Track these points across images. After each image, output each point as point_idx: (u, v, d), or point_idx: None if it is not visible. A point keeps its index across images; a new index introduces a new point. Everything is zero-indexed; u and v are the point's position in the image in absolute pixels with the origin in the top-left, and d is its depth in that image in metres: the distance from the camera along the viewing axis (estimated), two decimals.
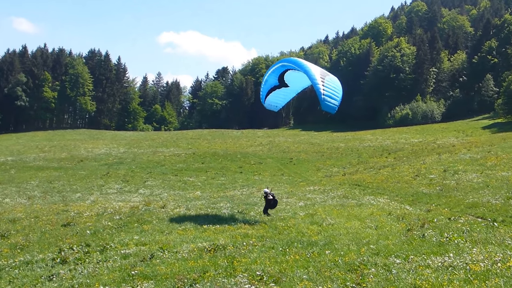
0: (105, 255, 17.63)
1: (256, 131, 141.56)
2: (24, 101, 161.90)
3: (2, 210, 32.78)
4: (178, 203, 32.74)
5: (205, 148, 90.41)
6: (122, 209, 29.69)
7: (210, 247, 17.60)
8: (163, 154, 77.51)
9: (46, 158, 76.27)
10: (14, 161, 72.28)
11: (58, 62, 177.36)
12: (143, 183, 49.36)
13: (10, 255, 18.88)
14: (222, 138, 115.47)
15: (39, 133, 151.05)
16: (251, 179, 52.36)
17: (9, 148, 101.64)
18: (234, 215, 25.97)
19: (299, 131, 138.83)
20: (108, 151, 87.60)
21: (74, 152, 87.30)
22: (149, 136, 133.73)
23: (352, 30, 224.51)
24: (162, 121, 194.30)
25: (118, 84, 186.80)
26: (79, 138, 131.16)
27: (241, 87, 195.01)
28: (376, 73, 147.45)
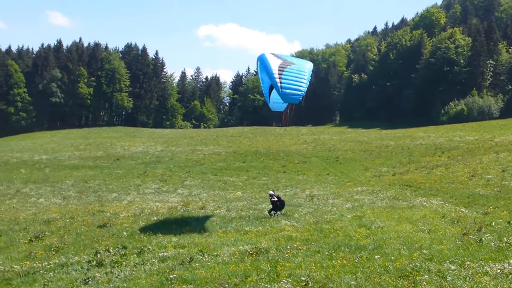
0: (142, 257, 17.79)
1: (300, 128, 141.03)
2: (59, 97, 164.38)
3: (37, 210, 33.39)
4: (218, 204, 32.84)
5: (246, 146, 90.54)
6: (160, 210, 29.93)
7: (252, 250, 17.59)
8: (202, 152, 77.87)
9: (82, 157, 77.45)
10: (48, 160, 73.55)
11: (93, 57, 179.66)
12: (181, 183, 49.66)
13: (44, 257, 19.20)
14: (264, 136, 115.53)
15: (74, 130, 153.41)
16: (295, 179, 52.22)
17: (43, 146, 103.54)
18: (277, 217, 25.92)
19: (345, 128, 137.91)
20: (145, 150, 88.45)
21: (110, 151, 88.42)
22: (187, 133, 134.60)
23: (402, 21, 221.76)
24: (201, 118, 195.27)
25: (156, 79, 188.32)
26: (115, 136, 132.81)
27: None
28: (428, 66, 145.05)
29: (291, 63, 24.98)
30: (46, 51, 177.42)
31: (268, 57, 25.27)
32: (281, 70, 23.97)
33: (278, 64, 24.46)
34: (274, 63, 24.53)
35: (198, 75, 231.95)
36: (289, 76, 23.84)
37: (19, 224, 27.30)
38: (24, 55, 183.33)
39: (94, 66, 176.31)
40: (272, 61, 24.67)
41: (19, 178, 56.65)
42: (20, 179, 55.79)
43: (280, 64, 24.50)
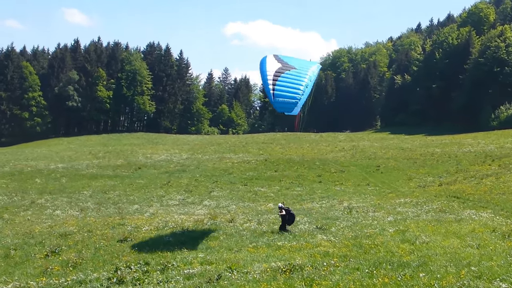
0: (166, 275, 17.90)
1: (337, 134, 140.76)
2: (76, 101, 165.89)
3: (53, 223, 33.76)
4: (248, 216, 32.87)
5: (278, 154, 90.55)
6: (185, 223, 30.06)
7: (285, 267, 17.61)
8: (231, 160, 78.06)
9: (100, 165, 78.09)
10: (65, 169, 74.32)
11: (113, 58, 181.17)
12: (208, 194, 49.81)
13: (61, 273, 19.42)
14: (298, 143, 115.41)
15: (92, 137, 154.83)
16: (331, 189, 52.03)
17: (59, 154, 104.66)
18: (312, 231, 25.86)
19: (387, 135, 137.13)
20: (169, 158, 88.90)
21: (131, 159, 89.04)
22: (215, 140, 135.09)
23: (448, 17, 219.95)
24: (230, 123, 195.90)
25: (180, 81, 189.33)
26: (136, 143, 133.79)
27: (319, 84, 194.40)
28: (477, 67, 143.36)
29: (292, 67, 24.95)
30: (63, 51, 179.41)
31: (268, 60, 25.38)
32: (276, 76, 24.12)
33: (275, 68, 24.55)
34: (272, 67, 24.62)
35: (226, 77, 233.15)
36: (284, 83, 23.96)
37: (34, 238, 27.64)
38: (40, 56, 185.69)
39: (113, 68, 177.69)
40: (270, 65, 24.76)
41: (34, 188, 57.32)
42: (35, 189, 56.44)
43: (278, 68, 24.54)
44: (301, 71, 24.95)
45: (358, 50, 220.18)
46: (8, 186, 59.73)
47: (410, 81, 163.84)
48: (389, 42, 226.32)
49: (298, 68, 25.15)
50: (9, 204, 46.19)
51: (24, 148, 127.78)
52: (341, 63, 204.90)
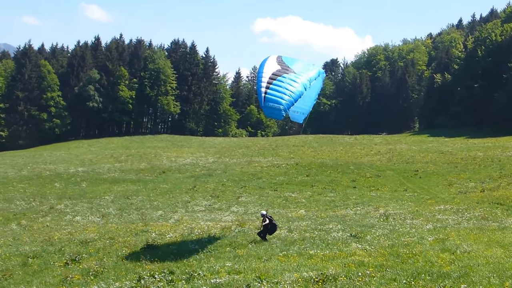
0: (192, 284, 18.00)
1: (372, 137, 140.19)
2: (97, 101, 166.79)
3: (73, 229, 34.13)
4: (278, 223, 32.89)
5: (310, 158, 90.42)
6: (211, 230, 30.20)
7: (318, 277, 17.61)
8: (260, 164, 78.09)
9: (123, 169, 78.58)
10: (85, 173, 74.91)
11: (136, 56, 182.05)
12: (236, 199, 49.92)
13: (82, 282, 19.61)
14: (331, 146, 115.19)
15: (114, 139, 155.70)
16: (366, 195, 51.87)
17: (79, 157, 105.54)
18: (346, 239, 25.83)
19: (426, 137, 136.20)
20: (195, 161, 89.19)
21: (155, 162, 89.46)
22: (243, 143, 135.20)
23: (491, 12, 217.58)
24: (259, 125, 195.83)
25: (206, 81, 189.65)
26: (160, 146, 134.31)
27: (354, 83, 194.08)
28: None
29: (291, 71, 25.01)
30: (83, 49, 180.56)
31: (268, 61, 25.68)
32: (272, 79, 24.27)
33: (273, 70, 24.73)
34: (270, 68, 24.83)
35: (255, 76, 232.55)
36: (279, 87, 24.08)
37: (53, 245, 27.96)
38: (59, 54, 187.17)
39: (136, 66, 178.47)
40: (268, 66, 25.04)
41: (53, 193, 57.91)
42: (54, 194, 57.02)
43: (276, 71, 24.75)
44: (298, 76, 25.10)
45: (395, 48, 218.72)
46: (26, 190, 60.41)
47: (450, 81, 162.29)
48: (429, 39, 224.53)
49: (297, 73, 25.25)
50: (27, 209, 46.78)
51: (43, 151, 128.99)
52: (377, 61, 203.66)
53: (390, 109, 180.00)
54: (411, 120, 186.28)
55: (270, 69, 25.08)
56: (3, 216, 42.61)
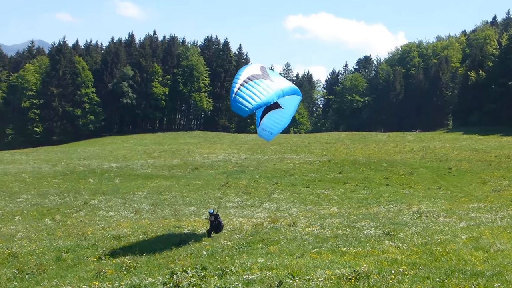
0: (224, 280, 17.98)
1: (405, 134, 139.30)
2: (130, 98, 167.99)
3: (106, 225, 34.36)
4: (311, 220, 32.85)
5: (343, 155, 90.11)
6: (243, 227, 30.24)
7: (350, 274, 17.52)
8: (292, 161, 78.02)
9: (156, 165, 78.95)
10: (119, 168, 75.36)
11: (169, 53, 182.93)
12: (268, 196, 49.89)
13: (115, 277, 19.72)
14: (364, 143, 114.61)
15: (147, 135, 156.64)
16: (399, 193, 51.51)
17: (113, 153, 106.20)
18: (379, 237, 25.70)
19: (460, 135, 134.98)
20: (227, 158, 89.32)
21: (188, 158, 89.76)
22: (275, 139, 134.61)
23: None
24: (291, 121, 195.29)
25: None
26: (193, 142, 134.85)
27: (387, 80, 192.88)
28: None
29: (269, 78, 25.53)
30: (117, 46, 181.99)
31: (249, 66, 26.39)
32: (249, 79, 24.73)
33: (251, 74, 25.19)
34: (249, 72, 25.39)
35: (287, 73, 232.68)
36: (252, 87, 24.47)
37: (87, 240, 28.19)
38: (93, 50, 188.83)
39: (169, 63, 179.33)
40: (248, 70, 25.61)
41: (87, 189, 58.36)
42: (88, 190, 57.46)
43: (255, 74, 25.18)
44: (276, 85, 25.45)
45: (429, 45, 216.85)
46: (60, 186, 60.94)
47: (484, 78, 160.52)
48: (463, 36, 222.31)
49: (275, 82, 25.61)
50: (61, 204, 47.18)
51: (77, 147, 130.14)
52: (411, 58, 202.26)
53: (424, 107, 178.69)
54: (445, 117, 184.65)
55: (249, 72, 25.43)
56: (38, 211, 43.06)
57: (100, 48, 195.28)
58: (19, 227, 34.94)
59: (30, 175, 68.85)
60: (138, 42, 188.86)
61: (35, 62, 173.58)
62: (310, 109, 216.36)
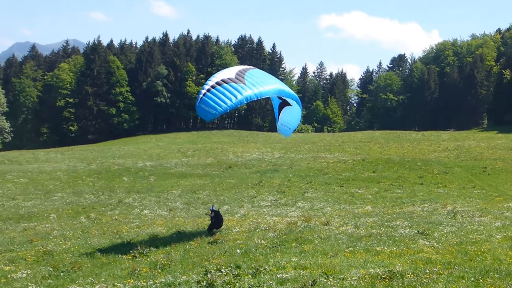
0: (258, 279, 17.98)
1: (440, 133, 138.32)
2: (164, 97, 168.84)
3: (141, 223, 34.57)
4: (345, 219, 32.72)
5: (377, 154, 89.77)
6: (277, 225, 30.20)
7: (385, 274, 17.43)
8: (326, 160, 77.89)
9: (190, 164, 79.29)
10: (153, 167, 75.80)
11: (203, 52, 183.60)
12: (301, 195, 49.77)
13: (149, 275, 19.82)
14: (398, 142, 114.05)
15: (181, 134, 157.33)
16: (434, 192, 51.15)
17: (147, 151, 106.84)
18: (413, 236, 25.53)
19: (495, 134, 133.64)
20: (261, 156, 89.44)
21: (221, 157, 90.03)
22: (309, 138, 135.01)
23: None
24: (325, 120, 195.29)
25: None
26: (226, 141, 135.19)
27: (422, 79, 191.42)
28: None
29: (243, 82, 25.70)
30: (151, 45, 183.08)
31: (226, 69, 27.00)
32: (218, 84, 25.08)
33: (223, 77, 25.61)
34: (222, 75, 25.89)
35: (321, 71, 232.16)
36: (216, 92, 24.94)
37: (121, 238, 28.39)
38: (127, 50, 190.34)
39: (203, 62, 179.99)
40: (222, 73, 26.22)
41: (121, 187, 58.81)
42: (122, 188, 57.90)
43: (226, 78, 25.51)
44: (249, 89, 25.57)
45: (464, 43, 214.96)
46: (95, 184, 61.54)
47: None
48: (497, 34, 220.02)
49: (249, 86, 25.66)
50: (96, 203, 47.60)
51: (111, 145, 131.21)
52: (445, 57, 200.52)
53: (458, 105, 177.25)
54: (479, 116, 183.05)
55: (221, 76, 25.77)
56: (73, 209, 43.45)
57: (135, 48, 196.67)
58: (54, 225, 35.29)
59: (65, 174, 69.59)
60: (172, 41, 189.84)
61: (70, 61, 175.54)
62: (344, 108, 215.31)
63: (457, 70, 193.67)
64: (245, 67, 27.51)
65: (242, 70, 26.57)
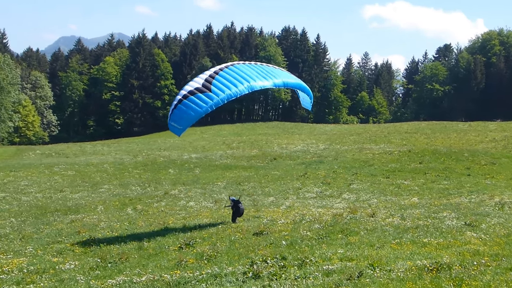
0: (304, 270, 18.00)
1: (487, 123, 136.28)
2: None
3: (187, 214, 34.82)
4: (391, 211, 32.57)
5: (423, 145, 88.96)
6: (323, 217, 30.16)
7: (432, 265, 17.32)
8: (372, 151, 77.46)
9: (234, 156, 79.56)
10: (198, 159, 76.28)
11: (247, 43, 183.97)
12: (347, 187, 49.61)
13: (196, 266, 19.97)
14: (445, 132, 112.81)
15: (226, 126, 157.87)
16: (481, 183, 50.50)
17: (192, 144, 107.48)
18: (460, 228, 25.31)
19: None
20: (306, 148, 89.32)
21: (266, 149, 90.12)
22: (354, 129, 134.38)
23: None
24: (370, 111, 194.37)
25: (317, 67, 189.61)
26: (271, 133, 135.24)
27: (468, 68, 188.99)
28: None
29: (208, 89, 26.48)
30: (195, 38, 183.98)
31: (192, 81, 27.51)
32: (185, 97, 26.38)
33: (192, 88, 26.60)
34: (189, 87, 26.83)
35: (366, 62, 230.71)
36: (185, 107, 26.13)
37: (168, 229, 28.62)
38: (171, 42, 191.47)
39: (247, 54, 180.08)
40: (188, 86, 27.09)
41: (167, 179, 59.29)
42: (168, 180, 58.37)
43: (194, 89, 26.54)
44: (216, 96, 26.54)
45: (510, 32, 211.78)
46: (141, 176, 62.13)
47: None
48: None
49: (215, 92, 26.56)
50: (142, 194, 48.07)
51: (157, 138, 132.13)
52: (492, 46, 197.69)
53: (505, 96, 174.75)
54: None
55: (191, 85, 26.65)
56: (120, 201, 43.96)
57: (179, 40, 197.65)
58: (102, 217, 35.74)
59: (112, 166, 70.44)
60: (216, 33, 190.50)
61: (115, 54, 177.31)
62: (389, 98, 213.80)
63: (503, 60, 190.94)
64: (222, 66, 28.26)
65: (213, 73, 27.20)
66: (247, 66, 28.25)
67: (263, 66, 28.85)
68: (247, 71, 27.64)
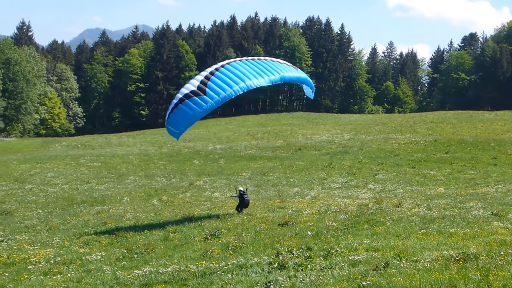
0: (329, 261, 17.97)
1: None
2: None
3: (212, 205, 34.94)
4: (417, 201, 32.43)
5: (449, 134, 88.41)
6: (348, 207, 30.10)
7: (458, 256, 17.20)
8: (397, 141, 77.14)
9: (259, 146, 79.65)
10: (223, 150, 76.48)
11: (271, 34, 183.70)
12: (372, 177, 49.49)
13: (221, 257, 20.03)
14: (471, 122, 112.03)
15: (250, 117, 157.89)
16: (508, 173, 50.08)
17: (217, 135, 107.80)
18: (487, 218, 25.13)
19: None
20: (330, 138, 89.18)
21: (291, 139, 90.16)
22: (379, 119, 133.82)
23: None
24: (395, 101, 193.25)
25: (342, 57, 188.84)
26: (295, 123, 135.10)
27: (494, 57, 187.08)
28: None
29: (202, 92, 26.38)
30: (219, 28, 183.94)
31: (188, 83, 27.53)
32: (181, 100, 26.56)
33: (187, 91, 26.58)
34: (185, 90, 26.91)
35: (391, 51, 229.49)
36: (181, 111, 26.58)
37: (193, 220, 28.72)
38: (196, 34, 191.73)
39: (271, 44, 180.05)
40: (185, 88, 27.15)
41: (192, 170, 59.54)
42: (193, 171, 58.63)
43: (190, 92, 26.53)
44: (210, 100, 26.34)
45: None
46: (166, 167, 62.46)
47: None
48: None
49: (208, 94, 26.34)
50: (168, 185, 48.32)
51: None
52: None
53: None
54: None
55: (187, 87, 26.68)
56: (145, 192, 44.24)
57: (203, 32, 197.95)
58: (127, 208, 36.00)
59: (137, 157, 70.88)
60: (240, 24, 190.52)
61: (140, 46, 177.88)
62: (414, 88, 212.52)
63: None
64: (218, 65, 28.24)
65: (209, 74, 27.19)
66: (243, 64, 28.00)
67: (261, 62, 28.57)
68: (243, 69, 27.44)
